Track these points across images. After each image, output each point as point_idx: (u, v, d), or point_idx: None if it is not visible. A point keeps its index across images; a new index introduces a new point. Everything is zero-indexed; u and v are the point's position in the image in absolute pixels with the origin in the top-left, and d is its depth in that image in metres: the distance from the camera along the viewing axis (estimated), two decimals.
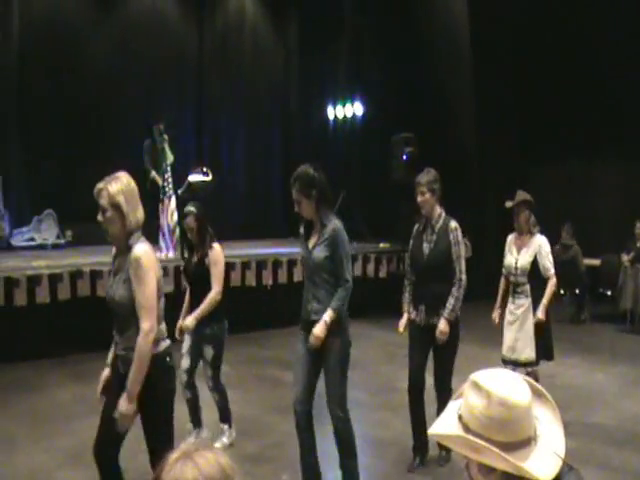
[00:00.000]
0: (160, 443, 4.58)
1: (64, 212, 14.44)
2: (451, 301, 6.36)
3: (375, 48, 17.24)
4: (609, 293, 13.63)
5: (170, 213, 12.80)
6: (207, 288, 6.84)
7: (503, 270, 7.74)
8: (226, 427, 7.20)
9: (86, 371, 9.85)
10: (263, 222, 17.11)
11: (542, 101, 15.66)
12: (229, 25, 17.85)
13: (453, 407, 2.39)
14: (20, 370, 9.78)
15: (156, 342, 4.51)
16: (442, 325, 6.33)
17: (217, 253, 6.94)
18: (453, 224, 6.47)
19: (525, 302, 7.42)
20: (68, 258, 12.29)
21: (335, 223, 5.63)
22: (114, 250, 4.82)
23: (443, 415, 2.40)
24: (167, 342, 4.69)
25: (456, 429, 2.29)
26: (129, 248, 4.50)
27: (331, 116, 18.27)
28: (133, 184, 4.64)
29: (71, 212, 14.34)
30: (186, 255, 7.30)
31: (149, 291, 4.44)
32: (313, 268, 5.69)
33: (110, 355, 5.01)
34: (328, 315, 5.52)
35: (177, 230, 12.90)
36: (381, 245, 14.89)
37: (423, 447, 6.71)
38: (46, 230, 14.53)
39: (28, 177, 14.69)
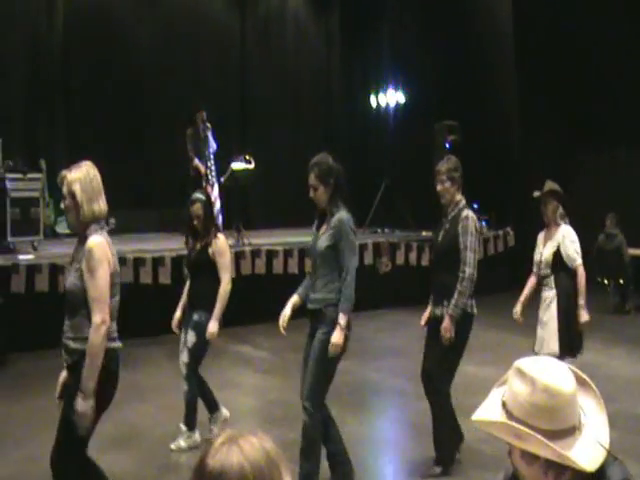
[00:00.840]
0: (68, 445, 4.50)
1: (108, 199, 14.44)
2: (455, 296, 6.05)
3: (418, 34, 17.15)
4: None
5: (213, 201, 12.87)
6: (206, 277, 6.76)
7: (533, 268, 7.42)
8: (184, 429, 6.82)
9: (128, 357, 9.92)
10: (306, 210, 17.07)
11: (590, 87, 15.46)
12: (271, 11, 17.88)
13: (497, 394, 2.39)
14: None
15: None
16: (445, 322, 6.03)
17: (222, 243, 6.84)
18: (464, 213, 6.27)
19: (550, 294, 7.13)
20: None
21: (342, 214, 5.61)
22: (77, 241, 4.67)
23: (487, 402, 2.40)
24: (117, 344, 4.54)
25: (499, 416, 2.29)
26: (86, 238, 4.41)
27: (374, 103, 18.22)
28: (93, 174, 4.59)
29: (115, 199, 14.35)
30: (190, 243, 7.13)
31: (101, 284, 4.33)
32: (316, 257, 5.70)
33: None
34: (342, 319, 5.48)
35: (220, 217, 12.98)
36: (424, 233, 14.85)
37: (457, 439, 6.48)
38: None
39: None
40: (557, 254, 7.11)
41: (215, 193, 12.91)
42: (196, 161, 13.01)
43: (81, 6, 15.03)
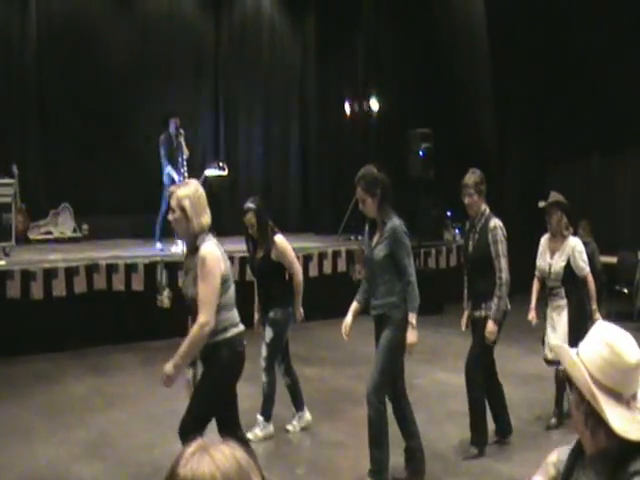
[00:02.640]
0: (199, 418, 5.08)
1: (81, 206, 14.49)
2: (495, 301, 6.57)
3: (393, 43, 17.17)
4: (625, 291, 13.50)
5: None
6: (274, 281, 7.14)
7: (536, 272, 7.76)
8: (261, 419, 7.22)
9: (102, 364, 9.91)
10: (280, 216, 17.00)
11: (563, 96, 15.55)
12: (246, 20, 17.81)
13: None
14: (37, 363, 9.82)
15: (225, 329, 5.02)
16: (490, 326, 6.55)
17: (281, 244, 7.14)
18: (492, 223, 6.72)
19: (561, 303, 7.45)
20: (84, 252, 12.33)
21: (395, 222, 5.92)
22: (185, 250, 5.47)
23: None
24: (239, 328, 5.17)
25: (572, 350, 2.55)
26: (197, 248, 4.98)
27: (348, 111, 18.21)
28: (201, 191, 5.17)
29: (88, 206, 14.39)
30: (250, 250, 7.47)
31: (210, 289, 4.89)
32: (374, 266, 5.99)
33: None
34: (412, 318, 5.83)
35: None
36: None
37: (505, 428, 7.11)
38: (63, 224, 14.56)
39: (45, 171, 14.74)
40: (567, 267, 7.41)
41: None
42: (169, 168, 12.93)
43: (54, 10, 14.93)
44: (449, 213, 16.08)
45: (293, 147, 18.29)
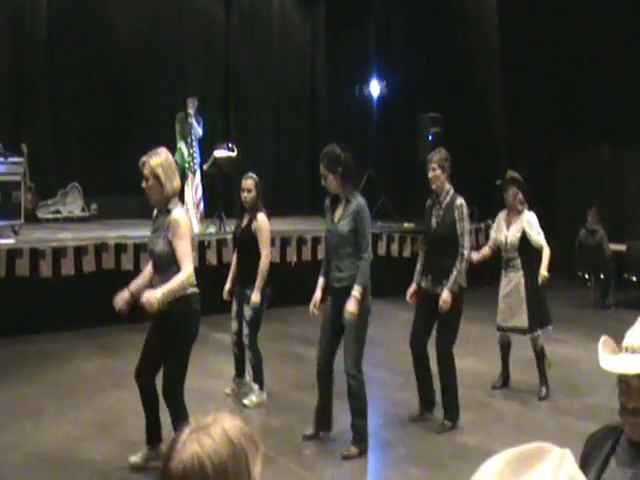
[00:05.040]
0: (172, 374, 5.62)
1: (89, 185, 14.52)
2: (454, 273, 6.78)
3: (403, 26, 17.12)
4: (634, 279, 13.48)
5: (195, 188, 12.82)
6: (251, 252, 7.45)
7: (489, 243, 8.26)
8: (256, 387, 7.63)
9: (111, 344, 9.94)
10: (289, 199, 17.08)
11: (573, 83, 15.48)
12: (256, 3, 17.81)
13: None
14: (46, 342, 9.85)
15: (184, 287, 5.44)
16: (445, 295, 6.75)
17: (262, 221, 7.54)
18: (459, 201, 6.95)
19: (517, 274, 7.87)
20: (93, 231, 12.36)
21: (359, 200, 6.28)
22: (155, 212, 5.77)
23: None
24: (195, 289, 5.61)
25: None
26: (168, 211, 5.47)
27: (358, 94, 18.16)
28: (171, 158, 5.72)
29: (96, 185, 14.42)
30: (238, 218, 7.92)
31: (187, 245, 5.41)
32: (337, 240, 6.27)
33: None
34: (357, 291, 6.08)
35: (201, 205, 12.94)
36: (405, 225, 14.83)
37: (429, 402, 7.29)
38: (71, 203, 14.60)
39: (54, 150, 14.77)
40: (522, 238, 7.86)
41: (197, 180, 12.85)
42: (180, 144, 12.87)
43: None
44: None
45: (303, 130, 18.29)
